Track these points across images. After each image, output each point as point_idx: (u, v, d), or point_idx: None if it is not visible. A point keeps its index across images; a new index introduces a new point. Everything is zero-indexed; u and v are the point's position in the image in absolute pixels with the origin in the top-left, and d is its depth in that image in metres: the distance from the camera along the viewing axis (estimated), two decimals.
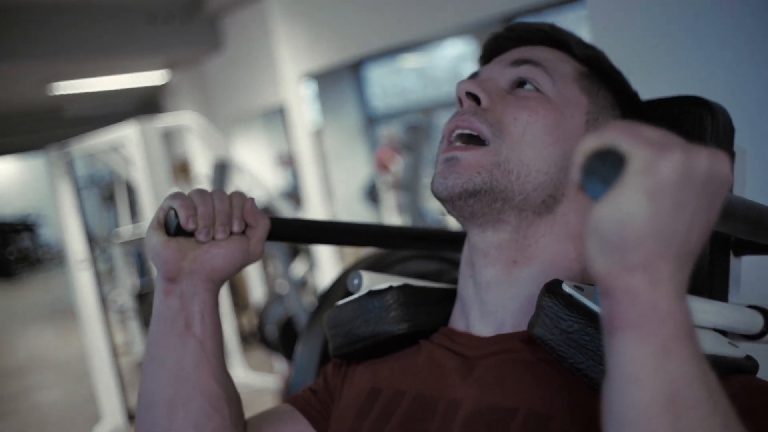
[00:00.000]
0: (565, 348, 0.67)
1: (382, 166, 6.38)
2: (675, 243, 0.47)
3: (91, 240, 5.23)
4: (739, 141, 0.89)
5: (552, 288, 0.70)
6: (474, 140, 0.80)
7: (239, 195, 0.86)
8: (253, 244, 0.85)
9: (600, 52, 0.86)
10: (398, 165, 5.78)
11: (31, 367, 6.97)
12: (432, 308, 0.88)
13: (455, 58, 6.80)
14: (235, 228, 0.83)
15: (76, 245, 4.83)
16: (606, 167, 0.47)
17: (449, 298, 0.89)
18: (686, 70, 1.27)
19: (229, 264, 0.83)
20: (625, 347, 0.47)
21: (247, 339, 5.88)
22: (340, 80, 7.14)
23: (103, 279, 6.16)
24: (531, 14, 4.45)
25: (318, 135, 7.24)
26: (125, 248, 6.17)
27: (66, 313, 8.14)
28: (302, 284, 4.99)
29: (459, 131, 0.80)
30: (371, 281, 0.90)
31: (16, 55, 5.89)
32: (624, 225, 0.45)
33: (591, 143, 0.48)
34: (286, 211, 4.72)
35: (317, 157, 5.61)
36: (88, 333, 4.78)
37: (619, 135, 0.47)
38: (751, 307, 0.81)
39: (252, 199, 0.86)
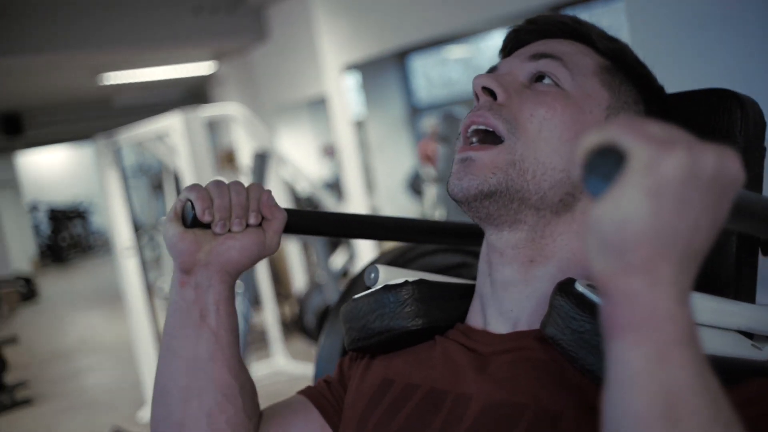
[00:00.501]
0: (576, 348, 0.65)
1: (426, 158, 6.36)
2: (678, 244, 0.45)
3: (138, 228, 5.33)
4: None
5: (564, 287, 0.68)
6: (490, 136, 0.78)
7: (257, 187, 0.86)
8: (269, 236, 0.85)
9: (624, 45, 0.84)
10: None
11: (80, 351, 7.14)
12: (448, 304, 0.86)
13: None
14: (252, 220, 0.83)
15: (122, 232, 4.92)
16: (607, 164, 0.45)
17: (467, 294, 0.88)
18: (723, 61, 1.23)
19: (244, 256, 0.83)
20: (623, 351, 0.46)
21: (288, 327, 5.93)
22: (384, 70, 7.13)
23: (149, 266, 6.27)
24: (577, 5, 4.38)
25: (362, 125, 7.25)
26: None
27: (115, 298, 8.31)
28: (343, 274, 5.02)
29: (474, 127, 0.79)
30: (388, 275, 0.89)
31: (67, 45, 6.02)
32: (623, 224, 0.44)
33: (593, 138, 0.46)
34: (328, 201, 4.74)
35: (359, 148, 5.61)
36: (134, 319, 4.88)
37: (621, 130, 0.45)
38: None
39: (269, 192, 0.86)
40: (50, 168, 16.69)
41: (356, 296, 0.90)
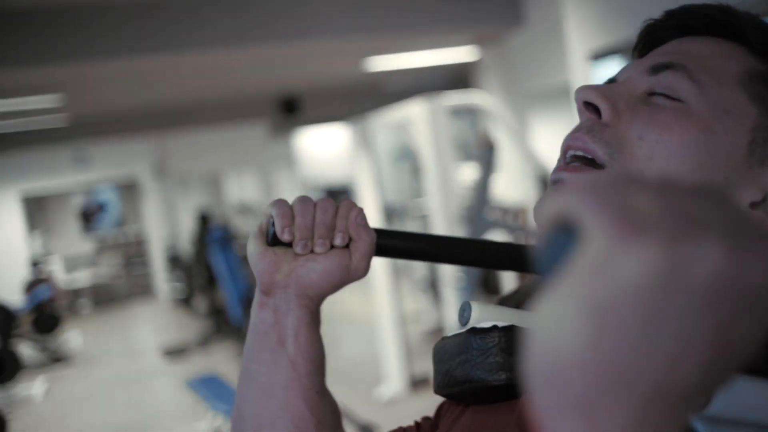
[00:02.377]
0: None
1: None
2: (640, 380, 0.29)
3: (390, 212, 5.48)
4: None
5: None
6: (591, 163, 0.63)
7: (347, 204, 0.78)
8: (355, 260, 0.77)
9: None
10: None
11: (340, 320, 7.65)
12: None
13: None
14: (337, 241, 0.76)
15: (369, 212, 5.10)
16: (558, 244, 0.31)
17: None
18: None
19: (325, 281, 0.76)
20: None
21: None
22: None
23: None
24: None
25: None
26: (420, 221, 6.40)
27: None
28: None
29: (572, 152, 0.63)
30: (481, 315, 0.76)
31: (335, 31, 6.33)
32: (554, 346, 0.29)
33: (551, 204, 0.32)
34: None
35: None
36: (380, 299, 5.04)
37: (581, 196, 0.31)
38: None
39: (360, 209, 0.78)
40: (323, 147, 17.83)
41: (446, 335, 0.79)
